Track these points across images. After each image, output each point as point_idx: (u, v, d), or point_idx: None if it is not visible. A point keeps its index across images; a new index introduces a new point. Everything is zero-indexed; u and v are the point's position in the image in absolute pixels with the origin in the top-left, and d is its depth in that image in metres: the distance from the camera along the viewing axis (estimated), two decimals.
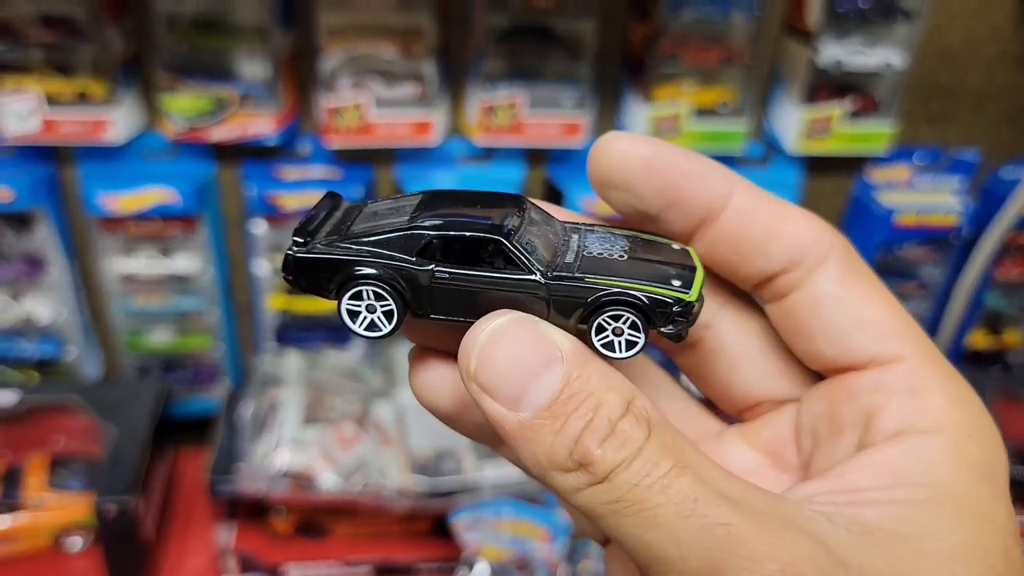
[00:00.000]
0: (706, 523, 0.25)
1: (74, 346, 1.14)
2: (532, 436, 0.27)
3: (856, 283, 0.31)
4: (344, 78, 0.99)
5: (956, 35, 1.09)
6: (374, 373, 1.14)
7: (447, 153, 1.09)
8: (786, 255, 0.31)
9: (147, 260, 1.08)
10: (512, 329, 0.28)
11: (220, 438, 1.05)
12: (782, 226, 0.31)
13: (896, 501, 0.28)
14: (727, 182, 0.31)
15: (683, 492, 0.26)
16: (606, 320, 0.30)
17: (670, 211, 0.32)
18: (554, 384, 0.27)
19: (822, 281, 0.31)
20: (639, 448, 0.27)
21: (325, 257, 0.32)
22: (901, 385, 0.30)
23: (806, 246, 0.31)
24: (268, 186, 1.06)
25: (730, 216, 0.31)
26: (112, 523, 0.95)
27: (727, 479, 0.27)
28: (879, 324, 0.31)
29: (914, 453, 0.29)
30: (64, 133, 0.97)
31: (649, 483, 0.26)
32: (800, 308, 0.32)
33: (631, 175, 0.31)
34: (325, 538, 1.07)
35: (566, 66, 1.03)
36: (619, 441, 0.27)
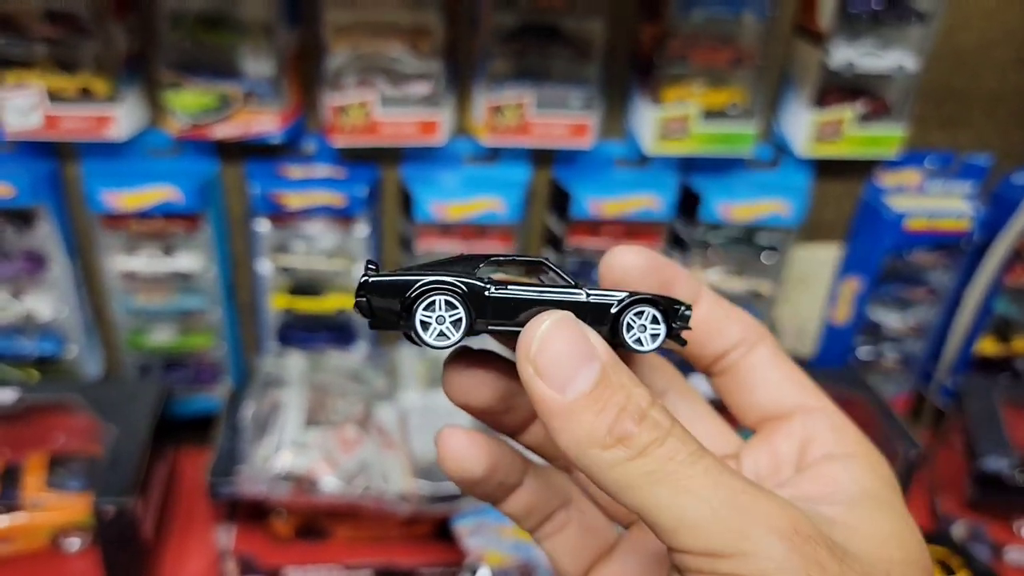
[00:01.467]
0: (733, 490, 0.31)
1: (75, 344, 1.13)
2: (575, 416, 0.32)
3: (782, 357, 0.43)
4: (350, 76, 0.98)
5: (969, 38, 1.07)
6: (377, 375, 1.13)
7: (453, 153, 1.08)
8: (736, 336, 0.42)
9: (149, 258, 1.07)
10: (567, 325, 0.34)
11: (221, 439, 1.04)
12: (731, 317, 0.43)
13: (840, 502, 0.36)
14: (697, 285, 0.42)
15: (710, 467, 0.31)
16: (632, 319, 0.37)
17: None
18: (595, 374, 0.32)
19: (760, 355, 0.42)
20: (668, 430, 0.32)
21: (397, 277, 0.36)
22: (824, 425, 0.41)
23: (747, 331, 0.42)
24: (272, 185, 1.05)
25: (701, 306, 0.42)
26: (111, 524, 0.94)
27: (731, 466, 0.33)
28: (801, 384, 0.42)
29: (845, 469, 0.38)
30: (66, 129, 0.96)
31: (682, 458, 0.31)
32: (745, 373, 0.43)
33: (636, 279, 0.40)
34: (326, 541, 1.06)
35: (574, 66, 1.02)
36: (651, 423, 0.32)
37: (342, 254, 1.11)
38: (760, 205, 1.10)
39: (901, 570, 0.34)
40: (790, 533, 0.30)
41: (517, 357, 0.34)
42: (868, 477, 0.38)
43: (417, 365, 1.14)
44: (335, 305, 1.13)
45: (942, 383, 1.28)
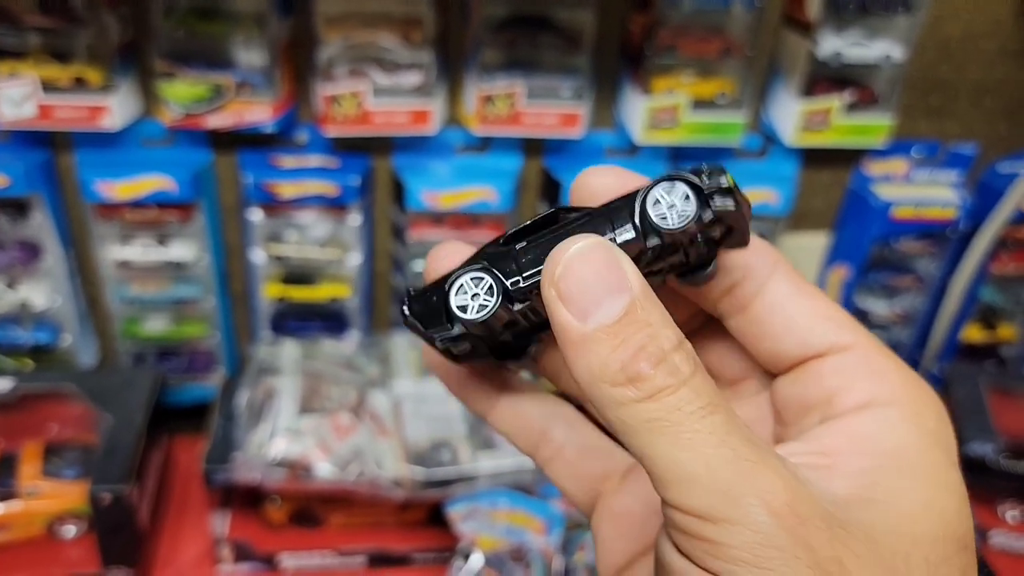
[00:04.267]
0: (735, 454, 0.28)
1: (69, 334, 1.14)
2: (591, 347, 0.30)
3: (804, 288, 0.36)
4: (342, 66, 0.99)
5: (956, 28, 1.08)
6: (370, 363, 1.14)
7: (444, 142, 1.09)
8: (739, 268, 0.36)
9: (143, 248, 1.08)
10: (598, 251, 0.31)
11: (215, 427, 1.05)
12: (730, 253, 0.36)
13: (863, 469, 0.31)
14: None
15: (719, 424, 0.29)
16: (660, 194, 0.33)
17: None
18: (620, 307, 0.30)
19: (776, 288, 0.36)
20: (686, 379, 0.29)
21: (430, 285, 0.36)
22: (860, 366, 0.34)
23: (754, 260, 0.36)
24: (265, 174, 1.06)
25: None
26: (106, 511, 0.95)
27: (750, 429, 0.30)
28: (831, 319, 0.35)
29: (877, 422, 0.32)
30: (60, 119, 0.96)
31: (691, 410, 0.29)
32: (762, 313, 0.36)
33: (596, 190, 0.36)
34: (320, 527, 1.07)
35: (564, 56, 1.02)
36: (669, 368, 0.29)
37: (335, 243, 1.12)
38: (748, 194, 1.10)
39: (928, 549, 0.29)
40: (784, 510, 0.28)
41: (541, 280, 0.32)
42: (905, 431, 0.32)
43: (410, 353, 1.16)
44: (328, 294, 1.14)
45: (928, 370, 1.30)
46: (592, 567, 0.96)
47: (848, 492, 0.30)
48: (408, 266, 1.14)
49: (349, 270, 1.13)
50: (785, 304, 0.35)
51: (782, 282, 0.36)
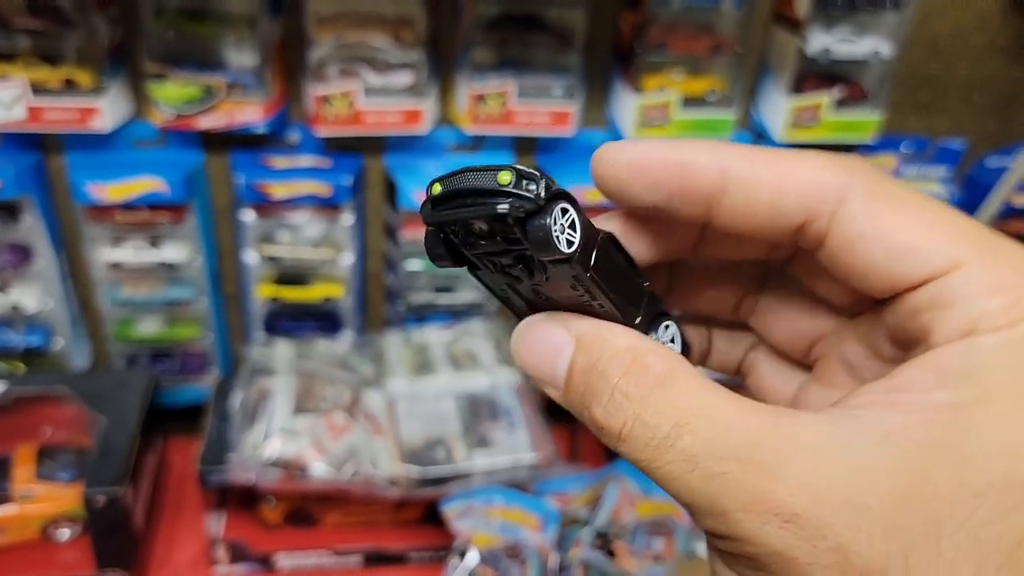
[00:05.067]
0: (709, 474, 0.27)
1: (61, 336, 1.14)
2: (570, 408, 0.31)
3: (884, 211, 0.29)
4: (333, 66, 0.99)
5: (944, 25, 1.09)
6: (364, 362, 1.14)
7: (436, 142, 1.09)
8: (800, 210, 0.30)
9: (135, 249, 1.08)
10: (537, 323, 0.32)
11: (210, 428, 1.05)
12: (786, 183, 0.30)
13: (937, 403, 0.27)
14: (715, 159, 0.31)
15: (685, 451, 0.27)
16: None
17: (672, 203, 0.32)
18: (565, 364, 0.31)
19: (847, 222, 0.29)
20: (636, 413, 0.28)
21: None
22: (958, 293, 0.28)
23: (816, 193, 0.30)
24: (257, 175, 1.06)
25: (733, 192, 0.30)
26: (101, 513, 0.95)
27: (736, 422, 0.28)
28: (920, 245, 0.29)
29: (967, 354, 0.27)
30: (50, 121, 0.96)
31: (656, 443, 0.28)
32: (837, 255, 0.30)
33: (622, 183, 0.32)
34: (315, 527, 1.07)
35: (555, 55, 1.03)
36: (615, 406, 0.29)
37: (328, 243, 1.12)
38: None
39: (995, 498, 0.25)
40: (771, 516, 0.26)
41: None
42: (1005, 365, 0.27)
43: (403, 352, 1.16)
44: (321, 294, 1.14)
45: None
46: (587, 563, 0.96)
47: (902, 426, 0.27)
48: (401, 265, 1.14)
49: (342, 270, 1.13)
50: (859, 241, 0.29)
51: (854, 212, 0.29)
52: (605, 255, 0.30)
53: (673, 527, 1.01)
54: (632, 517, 1.00)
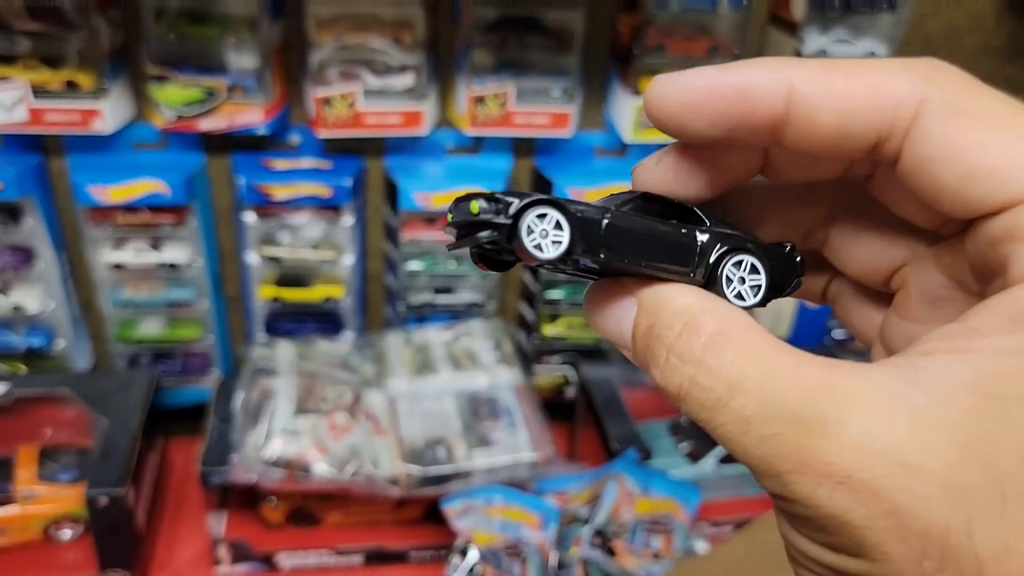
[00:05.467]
0: (762, 435, 0.26)
1: (63, 337, 1.14)
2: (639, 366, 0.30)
3: (962, 127, 0.26)
4: (334, 69, 0.99)
5: (939, 25, 1.10)
6: (365, 362, 1.15)
7: (436, 144, 1.10)
8: (871, 129, 0.27)
9: (136, 251, 1.08)
10: (604, 285, 0.32)
11: (212, 428, 1.05)
12: (855, 101, 0.27)
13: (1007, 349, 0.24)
14: (777, 81, 0.28)
15: (737, 411, 0.26)
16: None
17: (734, 134, 0.29)
18: (629, 326, 0.30)
19: (921, 140, 0.27)
20: (691, 375, 0.27)
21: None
22: None
23: (888, 110, 0.27)
24: (258, 176, 1.06)
25: (798, 114, 0.28)
26: (103, 514, 0.95)
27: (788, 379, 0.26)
28: (998, 167, 0.26)
29: None
30: (52, 123, 0.97)
31: (711, 404, 0.27)
32: (910, 176, 0.28)
33: (678, 122, 0.30)
34: (317, 526, 1.08)
35: (554, 57, 1.03)
36: (671, 368, 0.28)
37: (328, 244, 1.13)
38: None
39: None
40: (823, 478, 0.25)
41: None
42: None
43: (404, 352, 1.16)
44: (322, 295, 1.15)
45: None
46: (587, 561, 0.97)
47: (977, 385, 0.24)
48: (401, 266, 1.15)
49: (343, 271, 1.14)
50: (930, 163, 0.27)
51: (927, 130, 0.27)
52: (623, 226, 0.30)
53: (672, 525, 1.01)
54: (631, 515, 1.01)
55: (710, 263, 0.31)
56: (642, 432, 1.10)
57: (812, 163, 0.31)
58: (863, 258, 0.33)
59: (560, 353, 1.26)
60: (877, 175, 0.31)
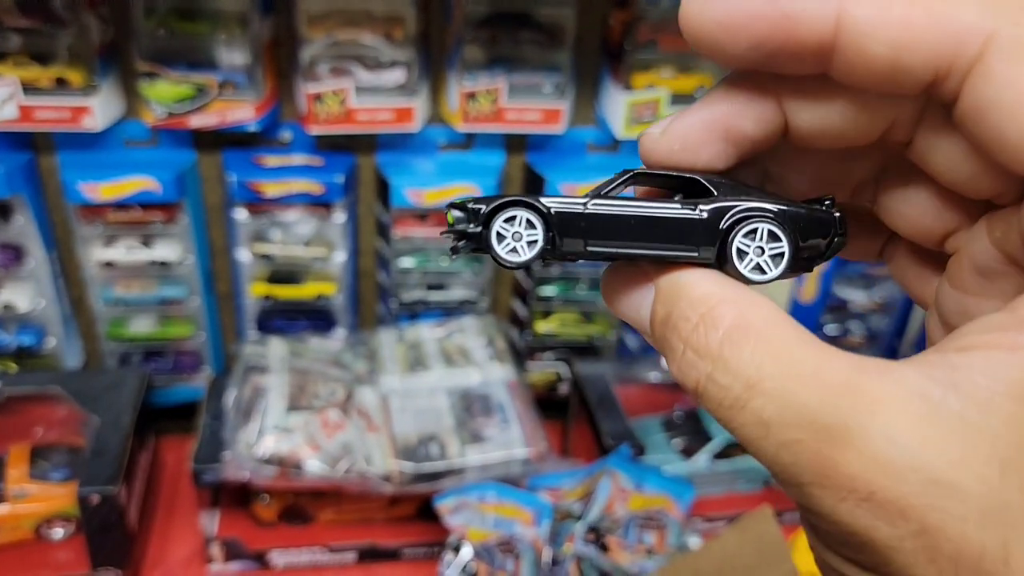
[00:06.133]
0: (782, 441, 0.24)
1: (54, 335, 1.13)
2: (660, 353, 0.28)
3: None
4: (325, 65, 0.99)
5: None
6: (357, 359, 1.14)
7: (428, 140, 1.10)
8: (928, 66, 0.24)
9: (127, 248, 1.08)
10: (621, 267, 0.30)
11: (203, 426, 1.05)
12: (913, 32, 0.24)
13: None
14: (827, 2, 0.25)
15: (755, 413, 0.24)
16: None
17: (775, 61, 0.27)
18: (647, 312, 0.29)
19: (983, 83, 0.23)
20: (708, 371, 0.26)
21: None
22: None
23: (949, 45, 0.24)
24: (249, 174, 1.06)
25: (848, 42, 0.25)
26: (95, 512, 0.95)
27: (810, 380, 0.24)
28: None
29: None
30: (42, 120, 0.96)
31: (728, 404, 0.25)
32: (967, 123, 0.24)
33: (714, 43, 0.27)
34: (310, 524, 1.07)
35: (545, 53, 1.03)
36: (688, 364, 0.26)
37: (320, 241, 1.12)
38: None
39: None
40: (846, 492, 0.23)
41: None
42: None
43: (396, 349, 1.16)
44: (314, 292, 1.14)
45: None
46: (580, 557, 0.97)
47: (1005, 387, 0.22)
48: (393, 263, 1.15)
49: (335, 268, 1.14)
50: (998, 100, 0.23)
51: (998, 63, 0.23)
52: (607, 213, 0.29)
53: (665, 521, 1.01)
54: (624, 511, 1.01)
55: (718, 238, 0.29)
56: (635, 428, 1.10)
57: (841, 127, 0.28)
58: (914, 219, 0.30)
59: (553, 349, 1.26)
60: (919, 140, 0.27)
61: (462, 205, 0.30)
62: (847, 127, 0.28)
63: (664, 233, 0.29)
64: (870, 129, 0.28)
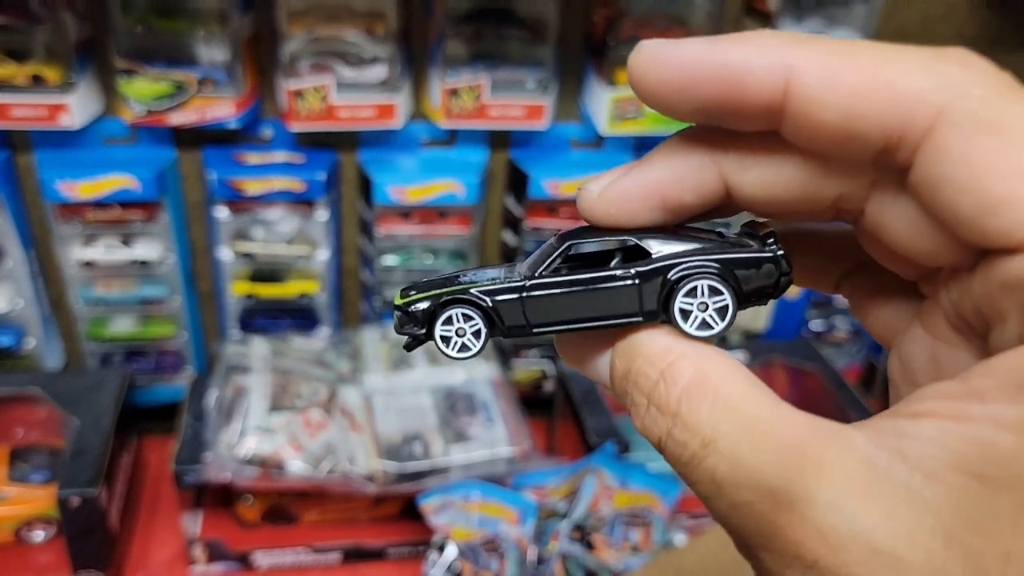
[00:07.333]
0: (732, 501, 0.24)
1: (33, 336, 1.12)
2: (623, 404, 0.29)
3: (986, 145, 0.22)
4: (305, 61, 0.98)
5: (913, 15, 1.10)
6: (340, 359, 1.14)
7: (410, 137, 1.09)
8: (878, 134, 0.24)
9: (107, 248, 1.07)
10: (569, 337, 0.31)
11: (185, 426, 1.04)
12: (864, 101, 0.23)
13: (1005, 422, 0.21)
14: (777, 63, 0.24)
15: (709, 472, 0.24)
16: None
17: (726, 122, 0.26)
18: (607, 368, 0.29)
19: (935, 155, 0.23)
20: (668, 428, 0.26)
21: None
22: None
23: (901, 113, 0.23)
24: (230, 171, 1.05)
25: (797, 107, 0.24)
26: (75, 515, 0.94)
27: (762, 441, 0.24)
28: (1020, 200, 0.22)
29: None
30: (18, 118, 0.95)
31: (685, 460, 0.25)
32: (920, 193, 0.24)
33: (662, 100, 0.26)
34: (294, 525, 1.07)
35: (528, 49, 1.03)
36: (651, 420, 0.26)
37: (302, 239, 1.11)
38: None
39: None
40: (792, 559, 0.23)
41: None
42: None
43: (380, 347, 1.15)
44: (296, 291, 1.13)
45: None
46: (566, 556, 0.97)
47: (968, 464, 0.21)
48: (377, 261, 1.14)
49: (317, 266, 1.13)
50: (951, 175, 0.23)
51: (952, 136, 0.22)
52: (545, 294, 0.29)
53: (651, 518, 1.01)
54: (610, 509, 1.01)
55: (659, 301, 0.28)
56: (620, 425, 1.10)
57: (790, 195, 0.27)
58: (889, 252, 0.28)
59: (538, 347, 1.26)
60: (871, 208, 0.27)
61: (404, 307, 0.30)
62: (796, 194, 0.27)
63: (604, 304, 0.29)
64: (820, 197, 0.27)
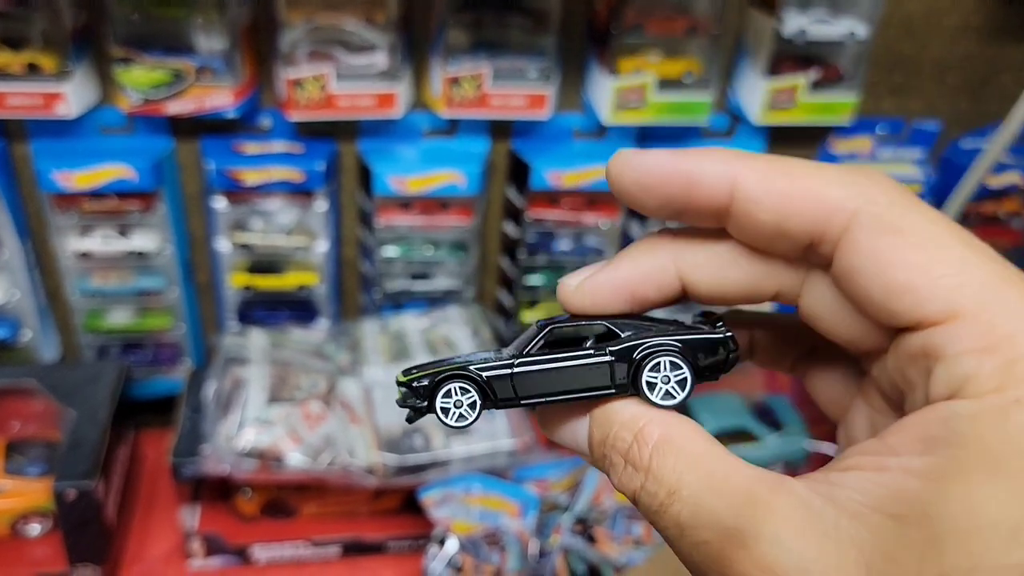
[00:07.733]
0: (694, 541, 0.28)
1: (29, 328, 1.11)
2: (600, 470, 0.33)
3: (890, 243, 0.28)
4: (305, 50, 0.97)
5: (918, 5, 1.09)
6: (339, 351, 1.13)
7: (411, 126, 1.08)
8: (804, 232, 0.30)
9: (104, 238, 1.06)
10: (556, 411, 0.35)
11: (183, 419, 1.03)
12: (791, 203, 0.29)
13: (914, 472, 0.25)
14: (723, 172, 0.30)
15: (674, 517, 0.29)
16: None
17: (683, 218, 0.32)
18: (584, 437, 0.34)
19: (850, 251, 0.29)
20: (641, 483, 0.30)
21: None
22: (948, 348, 0.27)
23: (822, 216, 0.29)
24: (228, 161, 1.04)
25: (740, 208, 0.30)
26: (72, 508, 0.93)
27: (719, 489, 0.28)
28: (918, 286, 0.27)
29: (949, 419, 0.26)
30: (14, 107, 0.94)
31: (655, 508, 0.30)
32: (839, 282, 0.30)
33: (633, 199, 0.32)
34: (292, 518, 1.06)
35: (530, 37, 1.02)
36: (628, 477, 0.31)
37: (301, 230, 1.10)
38: None
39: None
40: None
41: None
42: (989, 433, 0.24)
43: (380, 339, 1.14)
44: (295, 282, 1.12)
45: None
46: (567, 549, 0.96)
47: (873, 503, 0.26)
48: (377, 252, 1.13)
49: (316, 257, 1.12)
50: (863, 267, 0.28)
51: (856, 243, 0.28)
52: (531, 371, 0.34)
53: None
54: (611, 502, 1.00)
55: (628, 376, 0.33)
56: None
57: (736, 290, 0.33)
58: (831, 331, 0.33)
59: None
60: (805, 299, 0.32)
61: (408, 383, 0.35)
62: (741, 290, 0.33)
63: (582, 379, 0.34)
64: (761, 292, 0.33)
